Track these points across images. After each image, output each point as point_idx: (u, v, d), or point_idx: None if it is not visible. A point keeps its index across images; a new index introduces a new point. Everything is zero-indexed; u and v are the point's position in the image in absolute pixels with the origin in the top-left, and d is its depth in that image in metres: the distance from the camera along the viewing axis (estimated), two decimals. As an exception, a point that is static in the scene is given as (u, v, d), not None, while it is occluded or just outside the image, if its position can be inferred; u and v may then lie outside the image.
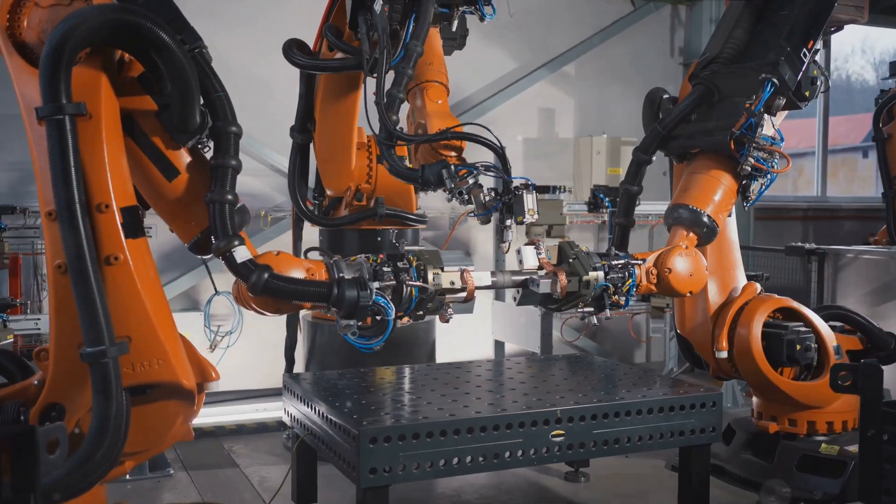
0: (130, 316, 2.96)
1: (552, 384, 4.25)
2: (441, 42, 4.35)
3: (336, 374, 4.56)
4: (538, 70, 8.24)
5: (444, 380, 4.34)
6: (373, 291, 3.30)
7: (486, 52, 8.05)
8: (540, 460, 3.68)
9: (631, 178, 4.70)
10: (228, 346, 7.06)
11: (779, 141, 4.32)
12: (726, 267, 4.86)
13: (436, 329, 6.11)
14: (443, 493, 4.85)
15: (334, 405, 3.73)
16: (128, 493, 4.87)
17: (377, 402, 3.82)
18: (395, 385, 4.27)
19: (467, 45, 7.92)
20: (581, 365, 4.86)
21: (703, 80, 4.46)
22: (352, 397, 3.91)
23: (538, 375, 4.48)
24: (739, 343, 4.62)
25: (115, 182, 2.95)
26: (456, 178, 3.60)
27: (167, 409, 3.17)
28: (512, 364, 4.84)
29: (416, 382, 4.31)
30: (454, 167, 3.60)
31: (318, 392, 3.99)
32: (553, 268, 3.95)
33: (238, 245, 3.20)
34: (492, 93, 8.07)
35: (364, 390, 4.08)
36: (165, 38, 2.90)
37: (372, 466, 3.35)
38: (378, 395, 3.97)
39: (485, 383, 4.24)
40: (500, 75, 8.15)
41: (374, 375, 4.48)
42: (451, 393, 4.00)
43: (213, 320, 7.00)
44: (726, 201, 4.42)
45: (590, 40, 8.44)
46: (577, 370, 4.66)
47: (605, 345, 8.76)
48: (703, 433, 4.01)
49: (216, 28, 6.95)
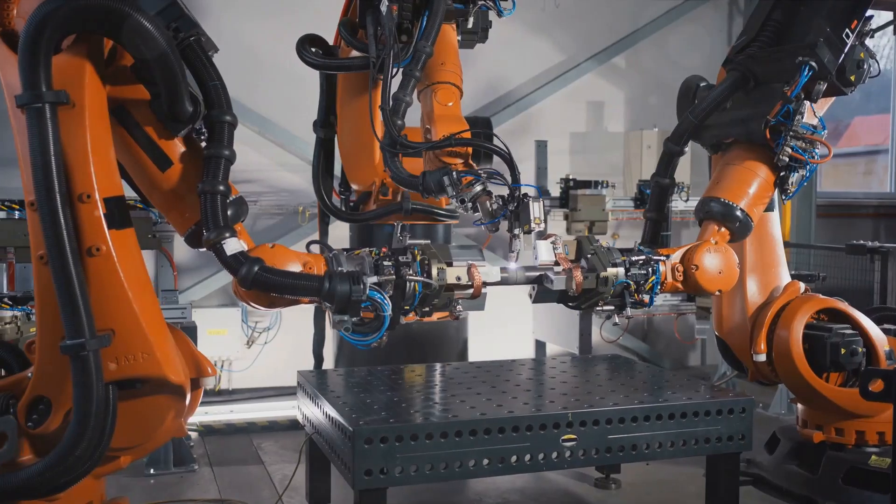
0: (113, 309, 2.90)
1: (570, 386, 4.05)
2: (456, 39, 4.18)
3: (351, 371, 4.47)
4: (586, 62, 7.99)
5: (459, 379, 4.19)
6: (366, 286, 3.17)
7: (530, 44, 7.86)
8: (549, 466, 3.49)
9: (662, 170, 4.46)
10: (266, 342, 7.06)
11: (820, 129, 4.01)
12: (767, 265, 4.56)
13: (468, 327, 5.96)
14: (465, 496, 4.69)
15: (337, 403, 3.62)
16: (150, 488, 4.87)
17: (382, 401, 3.69)
18: (409, 384, 4.13)
19: (510, 38, 7.79)
20: (610, 367, 4.64)
21: (737, 66, 4.19)
22: (358, 395, 3.80)
23: (560, 377, 4.28)
24: (779, 345, 4.33)
25: (99, 172, 2.90)
26: (458, 185, 3.46)
27: (158, 404, 3.10)
28: (536, 364, 4.66)
29: (429, 382, 4.17)
30: (456, 174, 3.46)
31: (325, 389, 3.89)
32: (570, 264, 3.75)
33: (229, 237, 3.12)
34: (537, 86, 7.86)
35: (374, 389, 3.96)
36: (145, 24, 2.82)
37: (367, 468, 3.22)
38: (385, 394, 3.84)
39: (501, 384, 4.07)
40: (545, 68, 7.93)
41: (389, 374, 4.35)
42: (462, 393, 3.85)
43: (250, 317, 6.99)
44: (762, 194, 4.14)
45: (641, 30, 8.15)
46: (604, 372, 4.45)
47: (657, 347, 8.45)
48: (730, 441, 3.76)
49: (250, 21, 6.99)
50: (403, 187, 3.69)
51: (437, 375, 4.34)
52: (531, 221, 3.53)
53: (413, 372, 4.37)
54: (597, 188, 6.59)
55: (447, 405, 3.60)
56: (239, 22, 7.01)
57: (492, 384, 4.05)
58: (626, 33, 8.14)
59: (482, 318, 7.03)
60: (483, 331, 7.26)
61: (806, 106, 3.96)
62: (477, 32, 4.47)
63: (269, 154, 7.18)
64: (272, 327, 7.01)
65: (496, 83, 7.77)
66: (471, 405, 3.61)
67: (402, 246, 3.52)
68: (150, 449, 3.35)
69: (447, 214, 5.68)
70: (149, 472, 5.09)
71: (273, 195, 7.15)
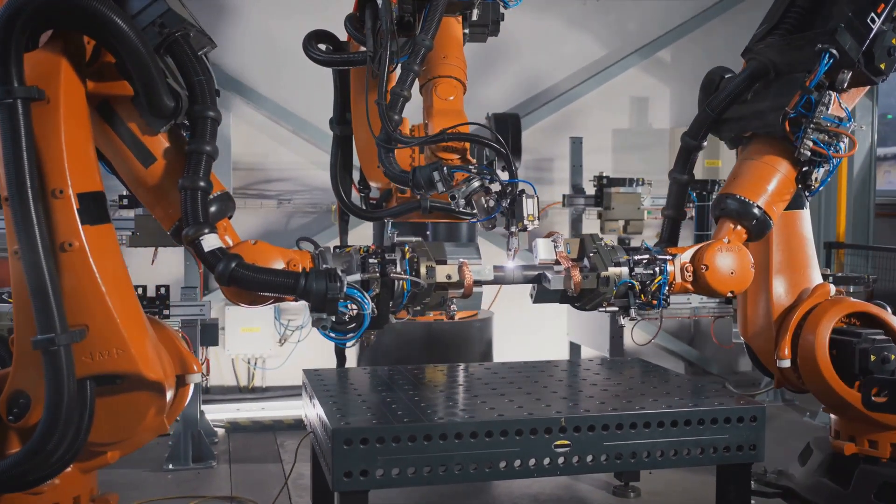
0: (87, 304, 2.90)
1: (574, 390, 3.90)
2: (462, 32, 4.08)
3: (355, 370, 4.41)
4: (629, 56, 7.76)
5: (463, 381, 4.09)
6: (344, 284, 3.10)
7: (570, 38, 7.70)
8: (540, 472, 3.35)
9: (680, 166, 4.25)
10: (299, 340, 7.07)
11: (846, 121, 3.76)
12: (796, 265, 4.31)
13: (493, 327, 5.83)
14: (477, 499, 4.59)
15: (328, 403, 3.56)
16: (167, 483, 4.92)
17: (374, 402, 3.61)
18: (410, 385, 4.03)
19: (549, 33, 7.63)
20: (625, 371, 4.46)
21: (756, 55, 3.97)
22: (353, 396, 3.74)
23: (567, 380, 4.13)
24: (804, 351, 4.08)
25: (74, 168, 2.90)
26: (449, 181, 3.36)
27: (138, 401, 3.09)
28: (548, 367, 4.50)
29: (431, 383, 4.06)
30: (447, 169, 3.36)
31: (321, 389, 3.83)
32: (570, 262, 3.62)
33: (208, 233, 3.09)
34: (577, 82, 7.67)
35: (371, 389, 3.89)
36: (114, 19, 2.81)
37: (347, 469, 3.15)
38: (381, 395, 3.76)
39: (505, 386, 3.94)
40: (586, 63, 7.74)
41: (392, 374, 4.28)
42: (459, 395, 3.74)
43: (283, 314, 7.02)
44: (782, 191, 3.91)
45: (688, 23, 7.87)
46: (615, 376, 4.27)
47: (705, 351, 8.15)
48: (739, 451, 3.55)
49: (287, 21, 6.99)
50: (395, 183, 3.62)
51: (442, 376, 4.24)
52: (524, 218, 3.42)
53: (418, 372, 4.28)
54: (632, 186, 6.38)
55: (438, 407, 3.50)
56: (276, 22, 7.04)
57: (493, 386, 3.93)
58: (672, 26, 7.88)
59: (516, 319, 6.97)
60: (517, 332, 7.15)
61: (830, 97, 3.72)
62: (487, 25, 4.37)
63: (304, 153, 7.19)
64: (305, 325, 7.02)
65: (534, 80, 7.63)
66: (462, 407, 3.51)
67: (391, 243, 3.45)
68: (137, 445, 3.34)
69: (469, 213, 5.57)
70: (167, 467, 5.15)
71: (307, 193, 7.16)
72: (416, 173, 3.43)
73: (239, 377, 7.07)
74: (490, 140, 3.49)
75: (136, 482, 4.91)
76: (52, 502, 3.14)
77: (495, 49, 7.53)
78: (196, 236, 3.07)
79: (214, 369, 7.10)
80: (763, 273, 4.29)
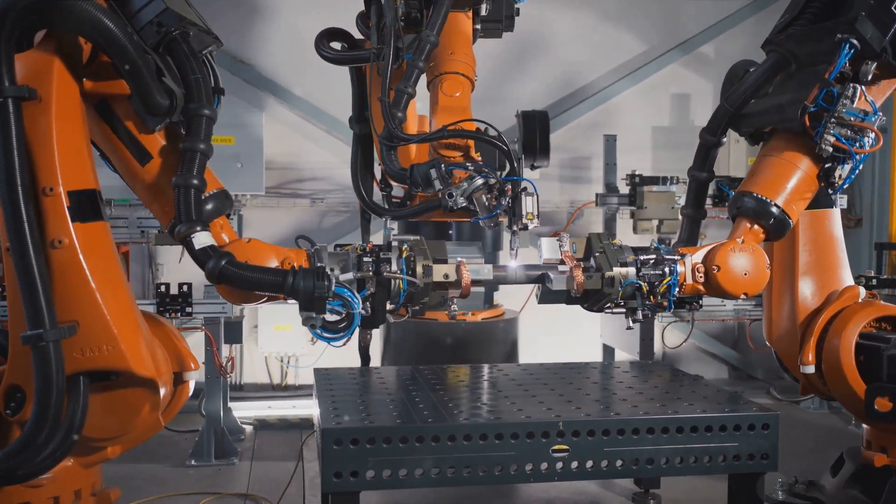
0: (77, 300, 2.93)
1: (582, 393, 3.79)
2: (471, 28, 4.00)
3: (368, 370, 4.38)
4: (670, 52, 7.58)
5: (473, 383, 4.02)
6: (332, 282, 3.07)
7: (608, 34, 7.55)
8: (538, 478, 3.26)
9: (699, 163, 4.11)
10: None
11: (871, 115, 3.57)
12: (825, 266, 4.12)
13: (518, 328, 5.75)
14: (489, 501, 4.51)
15: (326, 402, 3.53)
16: (187, 478, 4.98)
17: (376, 403, 3.58)
18: (419, 386, 3.98)
19: (586, 28, 7.49)
20: (641, 375, 4.33)
21: (776, 47, 3.80)
22: (356, 396, 3.70)
23: (578, 383, 4.02)
24: (829, 356, 3.89)
25: (65, 166, 2.93)
26: (447, 179, 3.30)
27: (132, 397, 3.12)
28: (564, 370, 4.39)
29: (440, 384, 3.99)
30: (445, 167, 3.30)
31: (325, 388, 3.81)
32: (574, 262, 3.52)
33: (199, 231, 3.10)
34: (615, 78, 7.52)
35: (377, 390, 3.85)
36: (100, 18, 2.83)
37: (337, 470, 3.11)
38: (385, 396, 3.72)
39: (512, 388, 3.86)
40: (625, 59, 7.58)
41: (401, 375, 4.23)
42: (464, 396, 3.68)
43: (316, 313, 7.02)
44: (802, 189, 3.73)
45: (732, 17, 7.64)
46: (629, 380, 4.15)
47: (750, 355, 7.89)
48: (751, 460, 3.40)
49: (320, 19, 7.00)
50: (395, 181, 3.58)
51: (452, 378, 4.17)
52: (523, 217, 3.34)
53: (429, 373, 4.22)
54: (665, 184, 6.20)
55: (437, 409, 3.44)
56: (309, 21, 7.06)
57: (500, 388, 3.85)
58: (716, 20, 7.66)
59: (551, 320, 6.85)
60: (552, 333, 7.04)
61: (854, 89, 3.53)
62: (501, 21, 4.28)
63: (337, 151, 7.20)
64: (337, 324, 7.02)
65: (570, 77, 7.50)
66: (461, 409, 3.44)
67: (388, 241, 3.40)
68: (136, 441, 3.36)
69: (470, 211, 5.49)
70: (190, 462, 5.20)
71: (339, 192, 7.18)
72: (413, 171, 3.38)
73: (272, 375, 7.12)
74: (491, 137, 3.42)
75: (157, 477, 4.99)
76: (52, 495, 3.19)
77: (530, 46, 7.44)
78: (188, 234, 3.08)
79: (248, 367, 7.18)
80: (788, 274, 4.12)
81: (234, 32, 6.99)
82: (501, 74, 7.37)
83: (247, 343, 7.14)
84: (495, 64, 7.37)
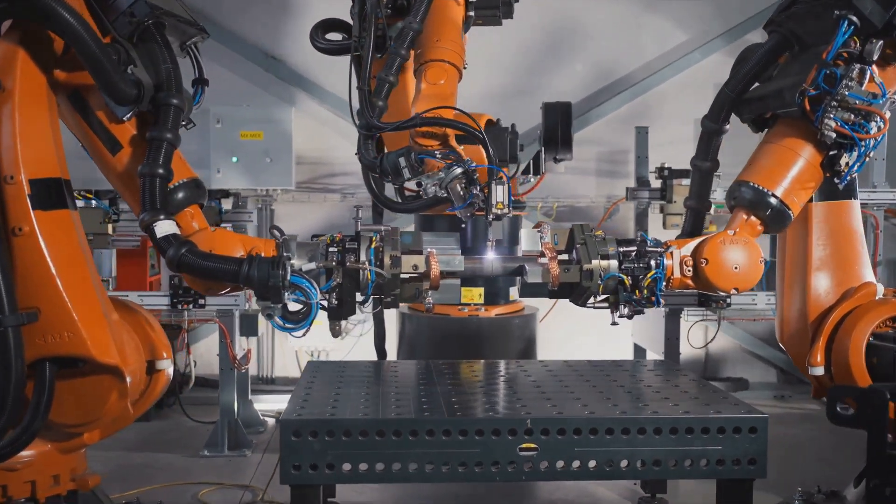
0: (38, 287, 2.96)
1: (567, 391, 3.63)
2: (460, 14, 3.90)
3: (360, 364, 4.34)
4: (714, 40, 7.26)
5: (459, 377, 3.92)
6: (287, 272, 3.03)
7: (647, 23, 7.30)
8: (504, 476, 3.15)
9: (702, 152, 3.92)
10: (361, 334, 7.06)
11: (880, 97, 3.31)
12: (841, 262, 3.85)
13: (537, 324, 5.61)
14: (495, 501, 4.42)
15: (299, 395, 3.50)
16: (198, 468, 5.03)
17: (350, 396, 3.51)
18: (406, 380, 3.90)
19: (624, 18, 7.26)
20: (645, 373, 4.15)
21: (778, 27, 3.58)
22: (334, 389, 3.65)
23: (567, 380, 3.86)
24: (838, 357, 3.64)
25: (28, 155, 2.97)
26: (416, 167, 3.22)
27: (100, 384, 3.14)
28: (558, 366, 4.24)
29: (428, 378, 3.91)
30: (414, 155, 3.22)
31: (306, 381, 3.79)
32: (554, 254, 3.39)
33: (163, 219, 3.11)
34: (655, 69, 7.26)
35: (360, 384, 3.79)
36: (55, 8, 2.85)
37: (296, 462, 3.08)
38: (364, 390, 3.66)
39: (495, 384, 3.76)
40: (666, 49, 7.31)
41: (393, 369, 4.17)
42: (441, 391, 3.57)
43: (344, 308, 7.02)
44: (804, 179, 3.50)
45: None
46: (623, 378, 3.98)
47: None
48: (736, 465, 3.20)
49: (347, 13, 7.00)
50: (369, 171, 3.52)
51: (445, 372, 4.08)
52: (493, 206, 3.22)
53: (419, 368, 4.15)
54: (696, 177, 5.92)
55: (410, 403, 3.36)
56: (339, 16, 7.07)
57: (483, 384, 3.75)
58: (763, 6, 7.30)
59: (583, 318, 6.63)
60: (579, 332, 6.84)
61: (863, 70, 3.29)
62: (497, 7, 4.18)
63: (368, 146, 7.19)
64: (366, 320, 6.99)
65: (607, 68, 7.28)
66: (434, 405, 3.34)
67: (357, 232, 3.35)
68: (114, 427, 3.37)
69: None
70: (203, 453, 5.26)
71: (369, 187, 7.14)
72: (383, 160, 3.31)
73: (302, 369, 7.14)
74: (464, 125, 3.32)
75: (169, 465, 5.06)
76: (29, 479, 3.24)
77: (565, 37, 7.27)
78: (151, 222, 3.10)
79: (279, 361, 7.24)
80: (799, 270, 3.88)
81: (265, 28, 7.05)
82: (536, 67, 7.22)
83: (278, 337, 7.20)
84: (529, 57, 7.23)
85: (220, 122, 5.96)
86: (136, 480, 4.69)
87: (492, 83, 7.01)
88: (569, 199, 7.29)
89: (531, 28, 7.11)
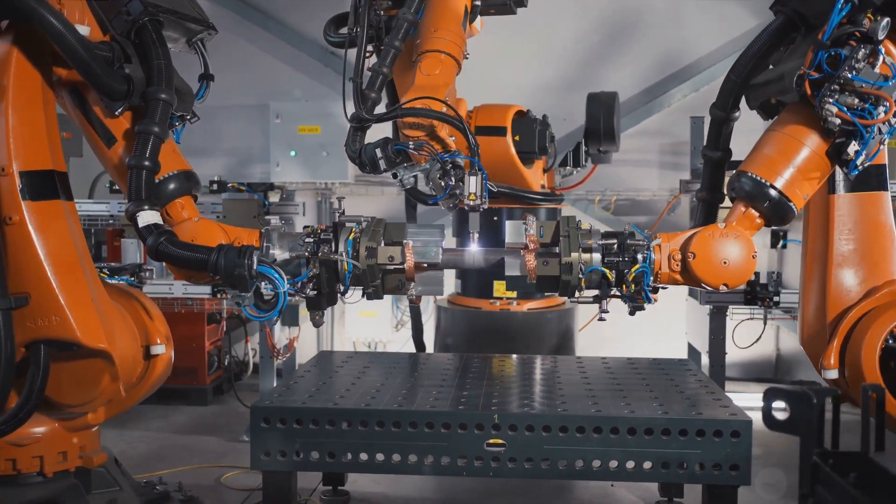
0: (28, 274, 3.14)
1: (555, 387, 3.55)
2: (462, 5, 3.85)
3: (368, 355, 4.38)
4: (787, 25, 6.88)
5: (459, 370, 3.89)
6: (254, 261, 3.09)
7: (714, 8, 6.99)
8: (471, 472, 3.11)
9: (712, 142, 3.71)
10: (417, 326, 7.10)
11: (891, 78, 3.06)
12: (868, 258, 3.57)
13: (575, 318, 5.47)
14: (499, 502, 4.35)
15: (288, 383, 3.57)
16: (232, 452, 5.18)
17: (336, 386, 3.56)
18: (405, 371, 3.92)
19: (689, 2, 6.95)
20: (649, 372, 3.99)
21: (782, 7, 3.35)
22: (326, 378, 3.70)
23: (565, 378, 3.77)
24: (852, 359, 3.39)
25: (20, 148, 3.15)
26: (392, 159, 3.22)
27: (93, 367, 3.29)
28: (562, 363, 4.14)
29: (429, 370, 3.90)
30: (391, 147, 3.22)
31: (304, 369, 3.85)
32: (536, 246, 3.31)
33: (147, 209, 3.23)
34: (722, 57, 6.94)
35: (358, 374, 3.82)
36: (34, 7, 3.01)
37: (265, 448, 3.15)
38: (358, 380, 3.69)
39: (488, 377, 3.70)
40: (733, 36, 6.97)
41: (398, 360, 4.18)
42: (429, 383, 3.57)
43: (400, 301, 7.09)
44: (809, 168, 3.26)
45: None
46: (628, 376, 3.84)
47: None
48: (716, 470, 3.04)
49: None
50: (354, 163, 3.53)
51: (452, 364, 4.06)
52: (465, 197, 3.18)
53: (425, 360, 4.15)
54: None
55: (388, 394, 3.37)
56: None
57: (478, 378, 3.70)
58: (844, -12, 6.87)
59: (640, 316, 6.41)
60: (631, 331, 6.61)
61: (870, 52, 3.04)
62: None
63: (424, 140, 7.22)
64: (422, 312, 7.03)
65: (672, 56, 7.02)
66: (421, 397, 3.33)
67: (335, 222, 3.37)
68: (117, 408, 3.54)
69: (540, 197, 5.28)
70: (242, 438, 5.43)
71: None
72: (362, 152, 3.33)
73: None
74: (443, 114, 3.29)
75: (206, 449, 5.25)
76: (37, 454, 3.44)
77: (626, 26, 7.06)
78: (134, 212, 3.23)
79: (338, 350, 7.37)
80: (820, 265, 3.63)
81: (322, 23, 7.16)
82: (595, 58, 7.05)
83: (336, 328, 7.34)
84: (587, 48, 7.07)
85: (279, 118, 6.14)
86: (172, 460, 4.90)
87: (547, 74, 6.91)
88: (629, 192, 7.09)
89: (588, 18, 6.95)
